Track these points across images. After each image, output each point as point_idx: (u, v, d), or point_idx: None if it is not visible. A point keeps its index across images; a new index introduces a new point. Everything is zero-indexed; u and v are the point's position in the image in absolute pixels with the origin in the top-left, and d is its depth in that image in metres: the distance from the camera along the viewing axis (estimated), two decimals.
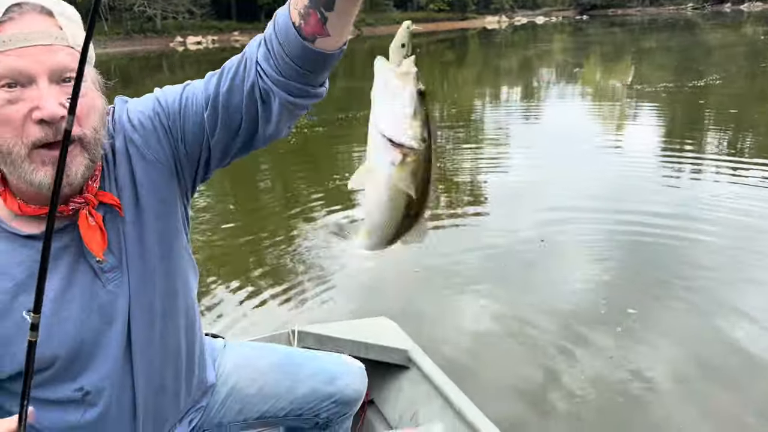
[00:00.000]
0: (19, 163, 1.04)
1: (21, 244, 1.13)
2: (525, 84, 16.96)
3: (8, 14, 1.00)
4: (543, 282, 4.31)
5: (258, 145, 1.22)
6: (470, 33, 48.63)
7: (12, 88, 1.00)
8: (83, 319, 1.19)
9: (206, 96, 1.17)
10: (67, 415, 1.25)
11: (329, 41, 1.03)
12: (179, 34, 48.83)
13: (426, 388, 2.34)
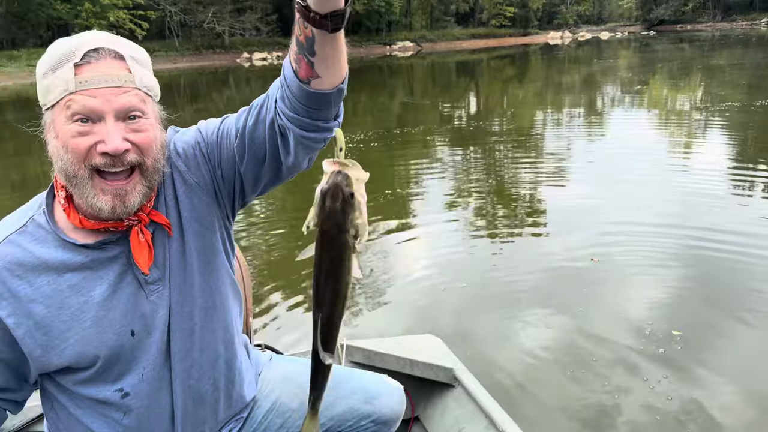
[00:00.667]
0: (83, 185, 1.20)
1: (77, 252, 1.27)
2: (587, 100, 16.65)
3: (86, 58, 1.16)
4: (596, 302, 4.23)
5: (284, 175, 1.35)
6: (532, 49, 48.12)
7: (84, 123, 1.17)
8: (125, 325, 1.30)
9: (237, 128, 1.31)
10: (109, 415, 1.35)
11: (322, 82, 1.14)
12: (246, 50, 50.34)
13: (471, 407, 2.32)
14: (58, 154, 1.20)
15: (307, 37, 1.08)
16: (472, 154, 10.46)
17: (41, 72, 1.21)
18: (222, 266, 1.44)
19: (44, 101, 1.22)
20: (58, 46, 1.22)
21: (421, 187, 8.28)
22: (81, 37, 1.22)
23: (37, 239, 1.26)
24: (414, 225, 6.43)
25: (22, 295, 1.23)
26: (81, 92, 1.15)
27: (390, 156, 10.36)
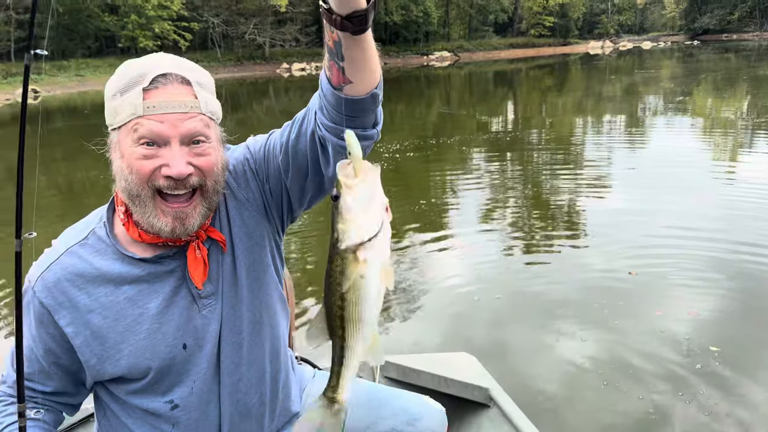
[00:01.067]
0: (145, 205, 1.23)
1: (135, 266, 1.31)
2: (628, 110, 16.37)
3: (154, 83, 1.19)
4: (635, 316, 4.14)
5: (328, 188, 1.34)
6: (572, 58, 47.58)
7: (150, 146, 1.20)
8: (177, 338, 1.33)
9: (281, 142, 1.34)
10: (158, 426, 1.38)
11: (355, 87, 1.13)
12: (285, 61, 51.06)
13: (507, 428, 2.28)
14: (123, 173, 1.23)
15: (335, 42, 1.08)
16: (510, 164, 10.39)
17: (110, 93, 1.24)
18: (271, 281, 1.46)
19: (111, 122, 1.25)
20: (128, 68, 1.25)
21: (457, 197, 8.25)
22: (150, 61, 1.25)
23: (98, 251, 1.30)
24: (449, 235, 6.40)
25: (81, 306, 1.28)
26: (148, 117, 1.19)
27: (426, 166, 10.37)
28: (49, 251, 1.34)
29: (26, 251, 1.32)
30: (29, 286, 1.32)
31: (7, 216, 6.87)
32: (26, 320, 1.34)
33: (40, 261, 1.34)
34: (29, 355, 1.35)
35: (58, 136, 16.92)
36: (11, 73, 40.49)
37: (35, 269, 1.33)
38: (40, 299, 1.29)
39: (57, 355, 1.32)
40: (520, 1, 68.22)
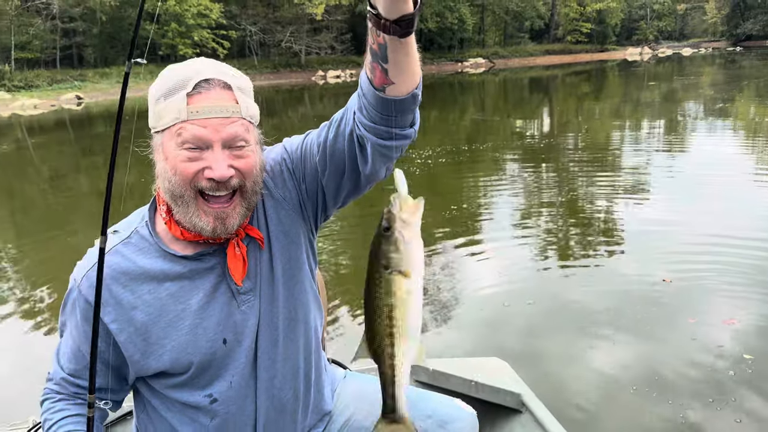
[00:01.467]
0: (187, 205, 1.27)
1: (177, 263, 1.35)
2: (667, 117, 16.07)
3: (197, 88, 1.23)
4: (670, 325, 4.08)
5: (363, 186, 1.38)
6: (609, 65, 46.92)
7: (193, 150, 1.24)
8: (218, 333, 1.37)
9: (318, 142, 1.36)
10: (197, 419, 1.42)
11: (397, 88, 1.15)
12: (320, 68, 51.53)
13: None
14: (166, 175, 1.27)
15: (380, 45, 1.10)
16: (544, 170, 10.30)
17: (154, 97, 1.28)
18: (306, 279, 1.49)
19: (155, 125, 1.29)
20: (171, 73, 1.29)
21: (490, 203, 8.21)
22: (193, 66, 1.29)
23: (141, 250, 1.35)
24: (482, 241, 6.38)
25: (125, 303, 1.33)
26: (192, 121, 1.23)
27: (459, 171, 10.34)
28: (92, 251, 1.37)
29: (81, 250, 1.39)
30: (75, 285, 1.36)
31: (62, 216, 7.14)
32: (72, 319, 1.39)
33: (84, 261, 1.39)
34: (75, 352, 1.40)
35: (99, 142, 17.39)
36: (56, 80, 41.78)
37: (80, 269, 1.37)
38: (85, 297, 1.33)
39: (102, 351, 1.35)
40: (556, 8, 67.57)
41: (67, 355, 1.44)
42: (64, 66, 45.55)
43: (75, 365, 1.42)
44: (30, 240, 7.85)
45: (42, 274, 6.07)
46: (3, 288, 5.83)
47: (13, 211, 10.18)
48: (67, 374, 1.44)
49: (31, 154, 17.12)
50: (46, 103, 35.60)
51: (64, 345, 1.45)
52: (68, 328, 1.43)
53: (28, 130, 23.72)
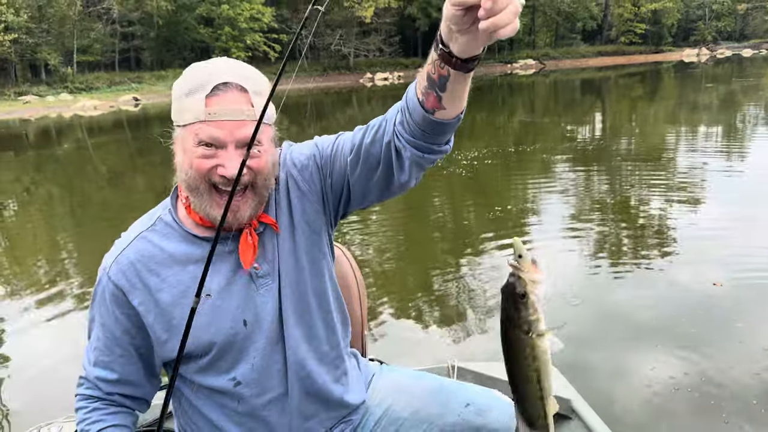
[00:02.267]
0: (202, 196, 1.37)
1: (198, 245, 1.43)
2: (725, 121, 15.53)
3: (215, 91, 1.31)
4: (725, 333, 3.97)
5: (394, 190, 1.44)
6: (664, 66, 45.69)
7: (209, 147, 1.33)
8: (238, 315, 1.43)
9: (352, 144, 1.43)
10: (226, 404, 1.48)
11: (446, 113, 1.23)
12: (368, 71, 51.86)
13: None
14: (183, 168, 1.37)
15: (441, 76, 1.16)
16: (595, 173, 10.12)
17: (177, 94, 1.37)
18: (326, 269, 1.56)
19: (177, 119, 1.38)
20: (193, 73, 1.37)
21: (538, 205, 8.13)
22: (212, 67, 1.36)
23: (165, 235, 1.43)
24: (530, 242, 6.32)
25: (151, 285, 1.40)
26: (208, 122, 1.31)
27: (506, 173, 10.27)
28: (119, 241, 1.47)
29: None
30: (104, 273, 1.44)
31: (118, 213, 7.37)
32: (101, 307, 1.45)
33: (111, 250, 1.46)
34: (106, 342, 1.46)
35: (155, 142, 17.95)
36: (115, 82, 43.32)
37: (108, 258, 1.45)
38: (114, 282, 1.41)
39: (132, 335, 1.44)
40: (609, 8, 66.13)
41: (99, 348, 1.48)
42: (122, 69, 47.21)
43: (108, 356, 1.47)
44: (86, 235, 8.19)
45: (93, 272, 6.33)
46: (61, 282, 6.11)
47: (72, 207, 10.62)
48: (100, 369, 1.48)
49: (90, 154, 17.83)
50: (105, 105, 36.97)
51: (94, 339, 1.50)
52: (97, 320, 1.48)
53: (88, 131, 24.70)
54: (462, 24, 1.05)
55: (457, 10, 1.03)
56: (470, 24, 1.04)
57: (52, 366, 4.25)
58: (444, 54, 1.13)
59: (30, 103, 37.16)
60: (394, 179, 1.39)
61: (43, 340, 4.76)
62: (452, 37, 1.09)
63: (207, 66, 1.37)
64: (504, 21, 0.97)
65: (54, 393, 3.81)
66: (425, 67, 1.20)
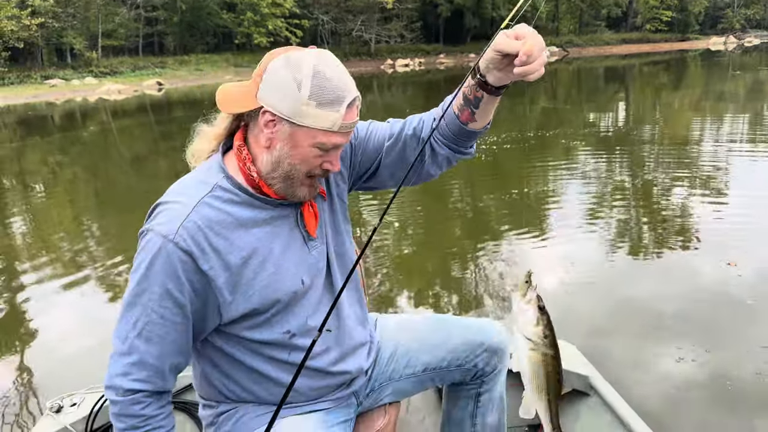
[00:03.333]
0: (294, 182, 1.49)
1: (261, 210, 1.52)
2: (752, 111, 15.28)
3: (350, 105, 1.43)
4: (748, 326, 3.95)
5: (423, 177, 1.71)
6: (690, 54, 44.92)
7: (323, 150, 1.46)
8: (297, 274, 1.55)
9: (391, 132, 1.68)
10: (276, 356, 1.59)
11: (477, 124, 1.58)
12: (390, 57, 51.71)
13: (609, 417, 2.22)
14: (289, 161, 1.45)
15: (476, 97, 1.50)
16: (617, 162, 10.06)
17: (305, 97, 1.38)
18: (349, 233, 1.76)
19: (291, 115, 1.40)
20: (327, 83, 1.39)
21: (557, 191, 8.12)
22: (343, 78, 1.42)
23: (227, 200, 1.48)
24: (548, 230, 6.35)
25: (221, 249, 1.45)
26: (338, 133, 1.44)
27: (526, 159, 10.26)
28: (173, 207, 1.44)
29: None
30: (165, 241, 1.40)
31: (142, 196, 7.50)
32: (159, 276, 1.40)
33: (170, 216, 1.43)
34: (163, 314, 1.42)
35: (177, 126, 18.18)
36: (139, 66, 43.71)
37: (170, 224, 1.41)
38: (183, 248, 1.40)
39: (193, 303, 1.46)
40: None
41: (155, 331, 1.42)
42: (145, 53, 47.61)
43: (161, 332, 1.43)
44: (110, 217, 8.37)
45: (118, 250, 6.48)
46: (83, 260, 6.27)
47: (96, 189, 10.83)
48: (160, 353, 1.44)
49: (114, 137, 18.10)
50: (129, 89, 37.37)
51: (149, 323, 1.42)
52: (156, 295, 1.41)
53: (112, 114, 25.03)
54: (499, 64, 1.41)
55: (497, 54, 1.38)
56: (506, 65, 1.40)
57: (76, 340, 4.41)
58: (480, 82, 1.46)
59: (56, 86, 37.67)
60: (424, 169, 1.68)
61: (65, 316, 4.92)
62: (489, 70, 1.43)
63: (335, 75, 1.40)
64: (534, 69, 1.33)
65: (78, 366, 3.95)
66: (462, 88, 1.51)
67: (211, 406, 1.67)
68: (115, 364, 1.44)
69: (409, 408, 2.45)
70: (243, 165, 1.50)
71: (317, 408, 1.67)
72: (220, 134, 1.57)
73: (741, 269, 4.78)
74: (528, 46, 1.31)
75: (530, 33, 1.35)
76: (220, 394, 1.64)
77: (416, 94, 27.54)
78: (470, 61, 48.28)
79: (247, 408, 1.63)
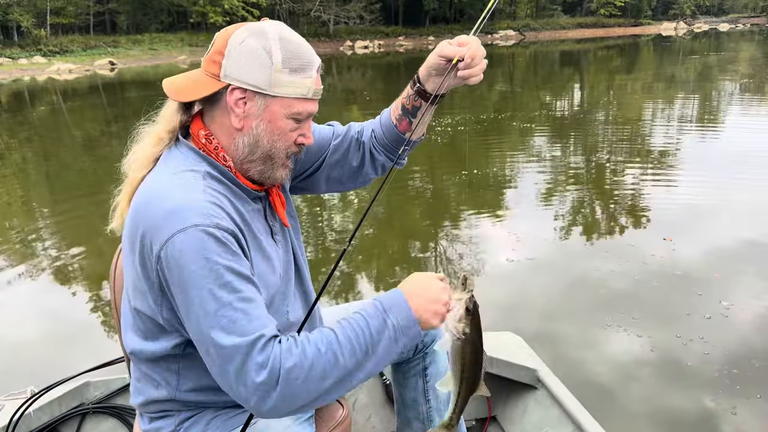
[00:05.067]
0: (275, 163, 1.43)
1: (246, 201, 1.45)
2: (701, 94, 15.79)
3: (318, 71, 1.41)
4: (694, 308, 4.05)
5: (356, 182, 1.78)
6: (642, 39, 45.90)
7: (298, 121, 1.42)
8: (276, 266, 1.49)
9: (337, 132, 1.74)
10: None
11: (414, 134, 1.66)
12: (349, 39, 51.28)
13: (556, 411, 2.22)
14: (268, 138, 1.38)
15: (414, 106, 1.61)
16: (572, 145, 10.30)
17: (278, 64, 1.32)
18: (298, 229, 1.73)
19: (266, 87, 1.33)
20: (296, 48, 1.35)
21: (512, 174, 8.27)
22: (305, 44, 1.40)
23: (221, 187, 1.38)
24: (502, 211, 6.47)
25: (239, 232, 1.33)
26: (312, 100, 1.40)
27: (483, 142, 10.37)
28: (182, 200, 1.27)
29: None
30: (205, 228, 1.23)
31: (94, 179, 7.31)
32: (221, 261, 1.23)
33: (187, 208, 1.25)
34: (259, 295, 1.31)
35: (131, 107, 17.75)
36: (90, 45, 42.29)
37: (195, 212, 1.24)
38: (225, 228, 1.27)
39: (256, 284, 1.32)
40: None
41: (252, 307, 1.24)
42: (97, 32, 46.05)
43: (268, 301, 1.38)
44: (63, 202, 8.18)
45: (75, 236, 6.36)
46: (37, 248, 6.14)
47: (48, 173, 10.53)
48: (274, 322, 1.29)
49: (65, 118, 17.55)
50: (80, 68, 36.17)
51: (243, 306, 1.22)
52: (227, 282, 1.22)
53: (63, 94, 24.21)
54: (441, 70, 1.51)
55: (441, 59, 1.49)
56: (446, 71, 1.49)
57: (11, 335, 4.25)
58: (420, 90, 1.58)
59: (2, 65, 36.21)
60: (363, 172, 1.75)
61: (8, 310, 4.73)
62: (429, 78, 1.55)
63: (299, 41, 1.38)
64: (476, 73, 1.48)
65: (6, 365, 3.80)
66: (400, 99, 1.63)
67: (167, 416, 1.48)
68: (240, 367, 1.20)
69: (356, 405, 2.43)
70: (216, 156, 1.40)
71: None
72: (174, 128, 1.42)
73: (676, 244, 4.97)
74: (473, 50, 1.45)
75: (473, 39, 1.48)
76: (183, 403, 1.46)
77: (376, 76, 27.43)
78: (429, 43, 48.29)
79: (216, 410, 1.48)
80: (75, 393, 2.24)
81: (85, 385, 2.27)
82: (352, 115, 15.50)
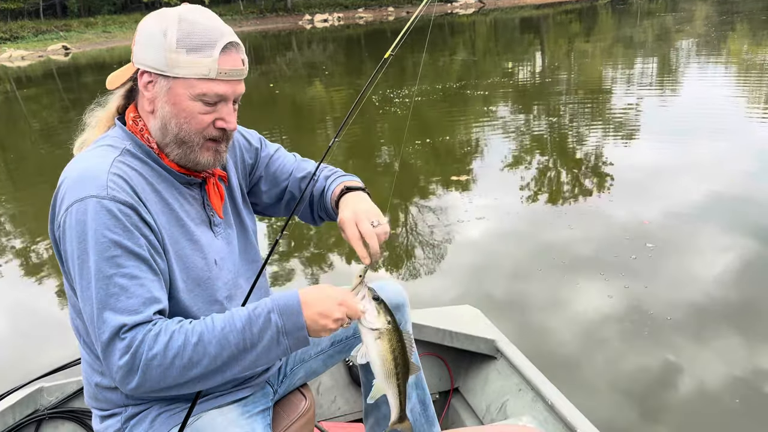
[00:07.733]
0: (191, 148, 1.42)
1: (171, 185, 1.46)
2: (659, 56, 16.01)
3: (226, 49, 1.35)
4: (655, 271, 4.12)
5: (279, 213, 1.82)
6: (600, 3, 46.09)
7: (209, 104, 1.39)
8: (209, 253, 1.50)
9: (285, 167, 1.77)
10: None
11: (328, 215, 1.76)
12: (307, 13, 50.44)
13: (516, 380, 2.28)
14: (175, 121, 1.38)
15: (326, 210, 1.73)
16: (534, 111, 10.40)
17: (172, 45, 1.32)
18: (255, 231, 1.75)
19: (163, 69, 1.34)
20: (194, 27, 1.33)
21: (476, 143, 8.34)
22: (212, 24, 1.36)
23: (139, 163, 1.41)
24: (466, 180, 6.54)
25: (149, 205, 1.38)
26: (218, 81, 1.35)
27: (447, 112, 10.44)
28: (89, 171, 1.32)
29: None
30: (100, 200, 1.27)
31: (53, 168, 7.17)
32: (109, 235, 1.26)
33: (90, 179, 1.30)
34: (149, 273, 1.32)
35: (88, 92, 17.30)
36: (41, 30, 40.88)
37: (95, 184, 1.29)
38: (122, 200, 1.30)
39: (155, 258, 1.34)
40: None
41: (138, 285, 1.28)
42: (47, 16, 44.50)
43: (158, 283, 1.33)
44: (22, 192, 8.02)
45: (35, 226, 6.27)
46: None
47: (7, 162, 10.29)
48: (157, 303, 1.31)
49: (20, 105, 17.05)
50: (33, 54, 35.02)
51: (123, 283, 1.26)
52: (112, 257, 1.26)
53: (16, 81, 23.46)
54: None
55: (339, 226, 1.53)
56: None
57: None
58: (333, 209, 1.65)
59: None
60: (278, 209, 1.80)
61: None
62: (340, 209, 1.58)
63: (206, 20, 1.36)
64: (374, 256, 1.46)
65: None
66: (327, 195, 1.70)
67: (114, 414, 1.49)
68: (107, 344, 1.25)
69: (320, 389, 2.45)
70: (142, 137, 1.43)
71: (235, 398, 1.58)
72: (112, 113, 1.49)
73: (647, 217, 5.08)
74: (374, 250, 1.46)
75: (371, 236, 1.47)
76: (127, 397, 1.46)
77: (337, 50, 27.14)
78: (389, 14, 47.85)
79: (161, 406, 1.47)
80: (28, 400, 2.17)
81: (39, 391, 2.20)
82: (315, 89, 15.37)
